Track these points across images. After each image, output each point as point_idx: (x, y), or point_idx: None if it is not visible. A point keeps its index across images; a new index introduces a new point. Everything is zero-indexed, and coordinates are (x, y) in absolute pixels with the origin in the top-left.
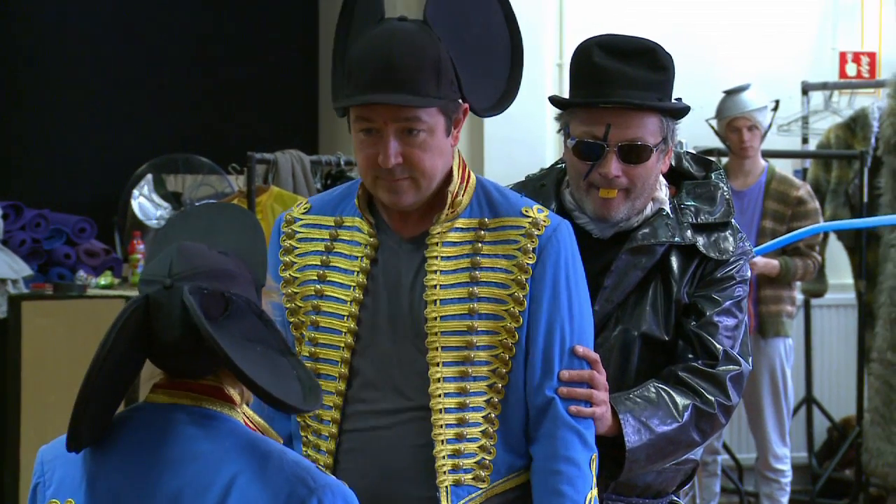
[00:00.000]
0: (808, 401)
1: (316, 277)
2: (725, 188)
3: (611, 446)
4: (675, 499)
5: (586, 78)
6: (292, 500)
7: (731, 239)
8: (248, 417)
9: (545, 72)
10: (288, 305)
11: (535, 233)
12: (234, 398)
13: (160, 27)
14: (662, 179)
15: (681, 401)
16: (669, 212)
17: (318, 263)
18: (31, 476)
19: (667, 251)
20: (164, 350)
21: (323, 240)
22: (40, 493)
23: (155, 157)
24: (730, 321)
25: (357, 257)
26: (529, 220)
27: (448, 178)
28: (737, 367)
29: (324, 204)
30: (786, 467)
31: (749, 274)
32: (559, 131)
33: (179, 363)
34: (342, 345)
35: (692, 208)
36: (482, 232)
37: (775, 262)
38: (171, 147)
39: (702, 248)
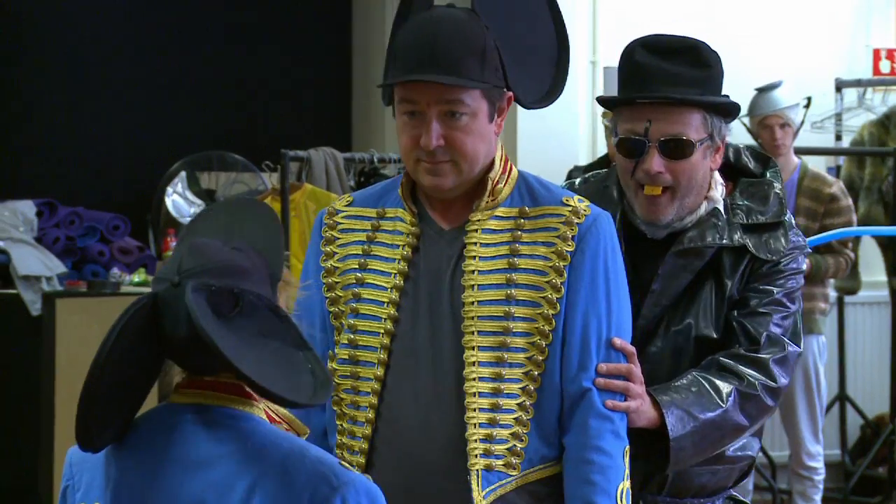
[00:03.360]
0: (842, 398)
1: (357, 266)
2: (779, 186)
3: (656, 440)
4: (735, 493)
5: (629, 77)
6: (316, 499)
7: (782, 239)
8: (270, 410)
9: (578, 69)
10: (328, 295)
11: (575, 221)
12: (252, 394)
13: (195, 24)
14: (718, 177)
15: (723, 386)
16: (722, 211)
17: (360, 253)
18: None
19: (718, 252)
20: (176, 348)
21: (365, 230)
22: (70, 497)
23: (189, 154)
24: (778, 310)
25: (399, 246)
26: (570, 208)
27: (490, 166)
28: (781, 351)
29: (366, 197)
30: (819, 465)
31: (804, 266)
32: (610, 136)
33: (194, 360)
34: (381, 331)
35: (744, 208)
36: (522, 220)
37: (808, 264)
38: (205, 145)
39: (752, 249)
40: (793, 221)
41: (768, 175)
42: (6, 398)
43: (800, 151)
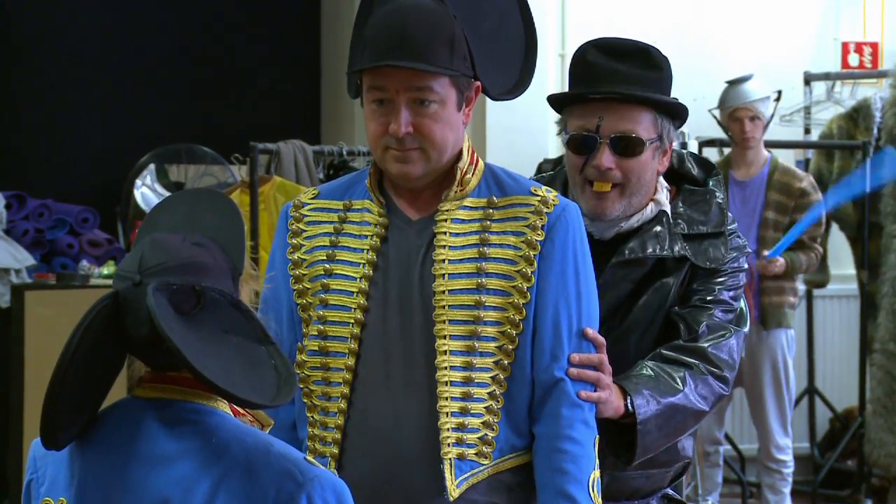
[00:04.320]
0: (811, 391)
1: (325, 258)
2: (721, 196)
3: (618, 433)
4: (670, 492)
5: (580, 76)
6: (281, 496)
7: (721, 248)
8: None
9: (547, 62)
10: (296, 287)
11: (545, 210)
12: None
13: (163, 17)
14: (663, 181)
15: (675, 372)
16: (668, 216)
17: (328, 245)
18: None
19: (659, 259)
20: (139, 346)
21: (332, 222)
22: (34, 491)
23: (158, 147)
24: (719, 305)
25: (367, 236)
26: (539, 198)
27: (458, 156)
28: (720, 337)
29: (332, 190)
30: (788, 458)
31: (744, 265)
32: (559, 133)
33: (157, 359)
34: (352, 321)
35: (685, 217)
36: (491, 210)
37: (781, 261)
38: (174, 137)
39: (691, 258)
40: (734, 226)
41: (711, 183)
42: None
43: (769, 144)
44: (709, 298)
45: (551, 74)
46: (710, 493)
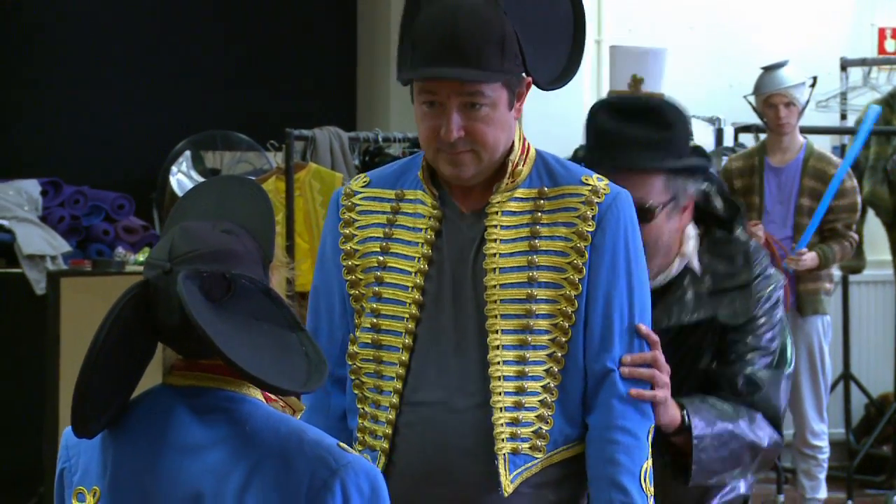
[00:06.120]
0: (846, 377)
1: (378, 249)
2: (747, 243)
3: (674, 454)
4: None
5: (592, 140)
6: (315, 483)
7: (749, 300)
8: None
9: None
10: (348, 278)
11: (595, 200)
12: None
13: (199, 4)
14: (690, 231)
15: (728, 407)
16: (696, 270)
17: (381, 235)
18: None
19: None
20: (170, 334)
21: (384, 212)
22: (67, 479)
23: (193, 133)
24: (757, 353)
25: (421, 229)
26: (589, 187)
27: (510, 149)
28: (759, 389)
29: (383, 178)
30: (823, 444)
31: (779, 293)
32: None
33: (187, 345)
34: (407, 315)
35: (710, 273)
36: (542, 201)
37: (811, 255)
38: (210, 124)
39: (721, 319)
40: (763, 265)
41: (737, 232)
42: (10, 377)
43: (804, 130)
44: (743, 350)
45: (588, 61)
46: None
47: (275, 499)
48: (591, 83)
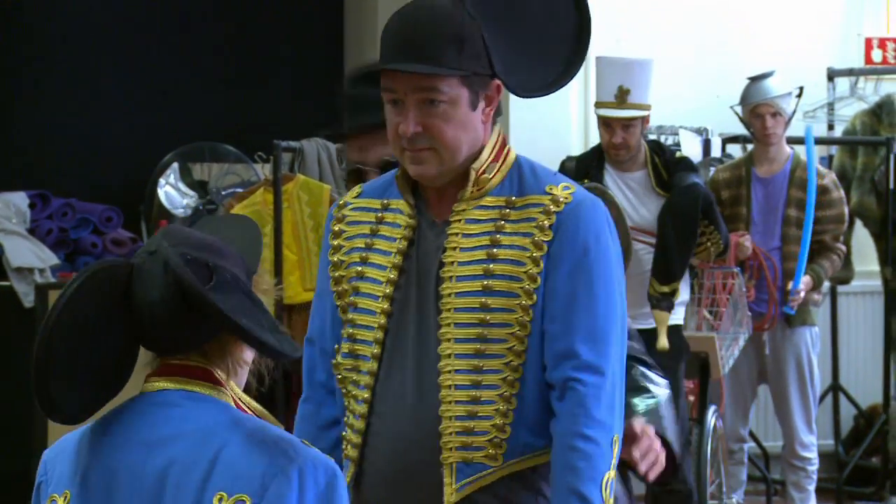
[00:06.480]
0: (835, 388)
1: (359, 260)
2: None
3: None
4: None
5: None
6: (272, 468)
7: None
8: (240, 400)
9: None
10: (335, 289)
11: (553, 209)
12: (221, 380)
13: (185, 16)
14: None
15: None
16: None
17: (363, 246)
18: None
19: None
20: (145, 320)
21: (369, 223)
22: (43, 492)
23: (181, 145)
24: None
25: (396, 238)
26: (550, 197)
27: (476, 155)
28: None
29: (373, 188)
30: (812, 455)
31: None
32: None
33: (162, 335)
34: (375, 325)
35: None
36: (507, 210)
37: (807, 280)
38: (197, 136)
39: None
40: None
41: None
42: None
43: (791, 141)
44: None
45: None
46: (735, 490)
47: (236, 487)
48: (578, 93)
